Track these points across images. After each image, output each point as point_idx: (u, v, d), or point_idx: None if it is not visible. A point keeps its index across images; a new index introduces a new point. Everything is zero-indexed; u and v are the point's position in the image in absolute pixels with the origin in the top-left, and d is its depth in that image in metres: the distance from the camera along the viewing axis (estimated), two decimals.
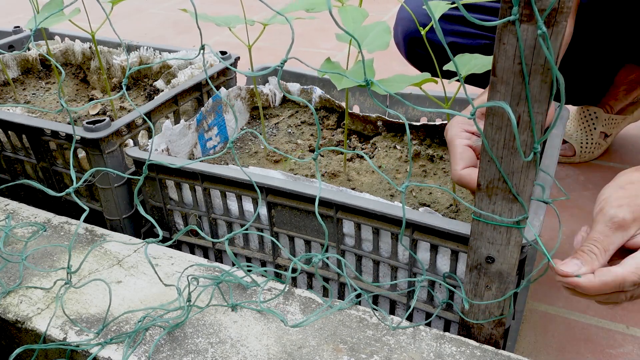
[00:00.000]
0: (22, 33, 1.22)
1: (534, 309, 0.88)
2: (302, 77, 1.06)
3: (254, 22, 0.82)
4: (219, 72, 1.02)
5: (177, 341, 0.62)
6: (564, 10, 0.42)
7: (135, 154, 0.81)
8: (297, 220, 0.74)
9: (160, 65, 1.12)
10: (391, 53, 1.03)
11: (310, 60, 1.81)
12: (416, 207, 0.80)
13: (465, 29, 1.08)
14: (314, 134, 1.00)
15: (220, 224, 0.82)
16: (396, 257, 0.70)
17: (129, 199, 0.87)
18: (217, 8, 2.57)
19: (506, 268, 0.56)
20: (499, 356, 0.60)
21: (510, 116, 0.45)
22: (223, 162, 0.94)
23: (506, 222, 0.53)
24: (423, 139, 0.94)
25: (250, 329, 0.64)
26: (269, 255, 0.81)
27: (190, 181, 0.79)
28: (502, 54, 0.45)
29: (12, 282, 0.72)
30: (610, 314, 0.87)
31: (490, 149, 0.50)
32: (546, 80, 0.45)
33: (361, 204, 0.67)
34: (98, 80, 1.16)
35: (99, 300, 0.69)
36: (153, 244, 0.79)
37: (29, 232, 0.82)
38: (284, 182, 0.72)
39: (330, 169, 0.89)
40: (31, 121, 0.85)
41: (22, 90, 1.18)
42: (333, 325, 0.64)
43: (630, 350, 0.81)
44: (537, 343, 0.82)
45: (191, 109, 1.02)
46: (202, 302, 0.67)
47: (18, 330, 0.67)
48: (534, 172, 0.50)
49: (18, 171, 0.98)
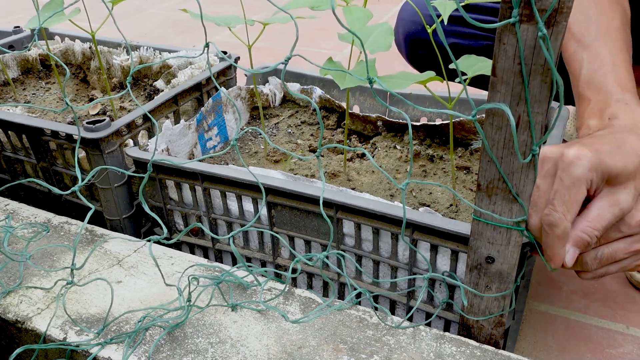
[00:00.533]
0: (22, 33, 1.22)
1: (534, 309, 0.88)
2: (302, 77, 1.06)
3: (254, 22, 0.82)
4: (219, 72, 1.02)
5: (177, 341, 0.62)
6: (564, 10, 0.42)
7: (135, 154, 0.81)
8: (297, 220, 0.74)
9: (160, 65, 1.12)
10: (392, 53, 1.03)
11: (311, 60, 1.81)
12: (416, 207, 0.80)
13: (466, 30, 1.07)
14: (314, 134, 1.00)
15: (221, 224, 0.82)
16: (396, 257, 0.70)
17: (129, 199, 0.87)
18: (217, 8, 2.57)
19: (506, 268, 0.56)
20: (499, 356, 0.60)
21: (510, 118, 0.45)
22: (223, 162, 0.94)
23: (505, 223, 0.53)
24: (423, 139, 0.94)
25: (250, 329, 0.64)
26: (269, 255, 0.81)
27: (190, 181, 0.79)
28: (502, 54, 0.45)
29: (12, 282, 0.72)
30: (610, 314, 0.87)
31: (490, 148, 0.50)
32: (546, 80, 0.45)
33: (361, 204, 0.67)
34: (98, 80, 1.16)
35: (99, 300, 0.69)
36: (153, 243, 0.79)
37: (29, 232, 0.82)
38: (284, 182, 0.72)
39: (330, 169, 0.89)
40: (31, 121, 0.85)
41: (22, 90, 1.18)
42: (333, 325, 0.64)
43: (630, 350, 0.81)
44: (537, 343, 0.82)
45: (191, 109, 1.02)
46: (202, 302, 0.67)
47: (18, 330, 0.67)
48: (534, 172, 0.50)
49: (18, 171, 0.98)
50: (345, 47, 2.01)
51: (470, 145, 0.92)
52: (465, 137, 0.92)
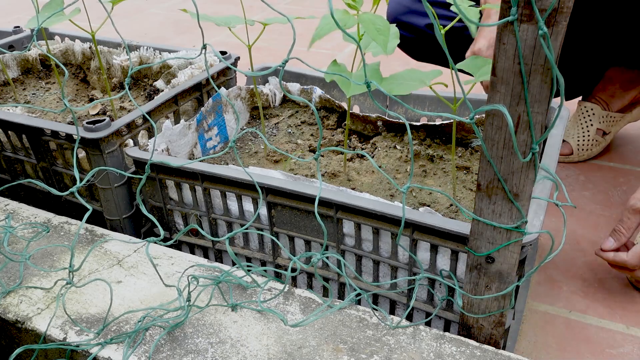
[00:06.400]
0: (22, 33, 1.22)
1: (534, 309, 0.88)
2: (302, 77, 1.06)
3: (254, 22, 0.82)
4: (218, 72, 1.02)
5: (177, 341, 0.62)
6: (564, 10, 0.42)
7: (135, 154, 0.81)
8: (297, 220, 0.74)
9: (160, 65, 1.12)
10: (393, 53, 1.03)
11: (311, 60, 1.81)
12: (416, 207, 0.80)
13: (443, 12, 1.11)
14: (314, 134, 1.00)
15: (220, 224, 0.82)
16: (396, 257, 0.70)
17: (129, 199, 0.87)
18: (217, 8, 2.57)
19: (506, 268, 0.56)
20: (499, 356, 0.60)
21: (507, 118, 0.45)
22: (223, 162, 0.94)
23: (505, 225, 0.53)
24: (423, 139, 0.94)
25: (250, 329, 0.64)
26: (269, 255, 0.81)
27: (190, 181, 0.79)
28: (502, 54, 0.45)
29: (12, 282, 0.72)
30: (610, 314, 0.87)
31: (490, 149, 0.50)
32: (546, 80, 0.45)
33: (361, 204, 0.67)
34: (98, 80, 1.16)
35: (98, 300, 0.69)
36: (153, 244, 0.79)
37: (29, 232, 0.82)
38: (284, 182, 0.72)
39: (330, 169, 0.89)
40: (31, 121, 0.85)
41: (22, 90, 1.18)
42: (333, 325, 0.64)
43: (630, 350, 0.81)
44: (537, 343, 0.82)
45: (191, 109, 1.02)
46: (202, 302, 0.67)
47: (18, 330, 0.67)
48: (534, 172, 0.50)
49: (18, 171, 0.98)
50: (345, 47, 2.01)
51: (470, 145, 0.92)
52: (465, 137, 0.92)
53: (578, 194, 1.16)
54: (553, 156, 0.73)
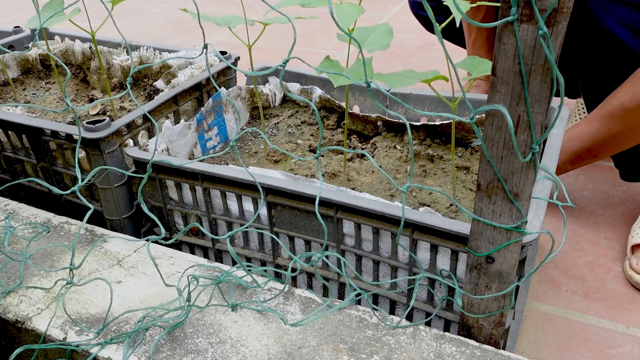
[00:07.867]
0: (22, 33, 1.22)
1: (534, 309, 0.88)
2: (302, 77, 1.06)
3: (254, 22, 0.82)
4: (219, 72, 1.02)
5: (177, 341, 0.62)
6: (564, 10, 0.42)
7: (135, 154, 0.81)
8: (297, 220, 0.74)
9: (160, 65, 1.12)
10: (390, 51, 1.03)
11: (311, 60, 1.81)
12: (416, 207, 0.80)
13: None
14: (314, 134, 1.00)
15: (220, 224, 0.82)
16: (396, 257, 0.70)
17: (129, 199, 0.87)
18: (217, 8, 2.57)
19: (506, 268, 0.56)
20: (499, 356, 0.60)
21: (507, 118, 0.45)
22: (223, 162, 0.94)
23: (505, 225, 0.53)
24: (423, 139, 0.94)
25: (250, 329, 0.64)
26: (269, 255, 0.81)
27: (190, 181, 0.79)
28: (502, 54, 0.45)
29: (12, 282, 0.72)
30: (610, 314, 0.87)
31: (490, 149, 0.50)
32: (546, 80, 0.45)
33: (361, 204, 0.67)
34: (98, 80, 1.16)
35: (98, 300, 0.69)
36: (153, 243, 0.79)
37: (29, 232, 0.82)
38: (284, 182, 0.72)
39: (330, 169, 0.89)
40: (31, 121, 0.85)
41: (22, 90, 1.18)
42: (333, 325, 0.64)
43: (630, 350, 0.81)
44: (537, 343, 0.82)
45: (191, 109, 1.02)
46: (202, 302, 0.67)
47: (18, 330, 0.67)
48: (534, 172, 0.50)
49: (18, 171, 0.98)
50: (345, 47, 2.01)
51: (470, 145, 0.92)
52: (465, 137, 0.92)
53: (578, 194, 1.15)
54: (553, 156, 0.73)
